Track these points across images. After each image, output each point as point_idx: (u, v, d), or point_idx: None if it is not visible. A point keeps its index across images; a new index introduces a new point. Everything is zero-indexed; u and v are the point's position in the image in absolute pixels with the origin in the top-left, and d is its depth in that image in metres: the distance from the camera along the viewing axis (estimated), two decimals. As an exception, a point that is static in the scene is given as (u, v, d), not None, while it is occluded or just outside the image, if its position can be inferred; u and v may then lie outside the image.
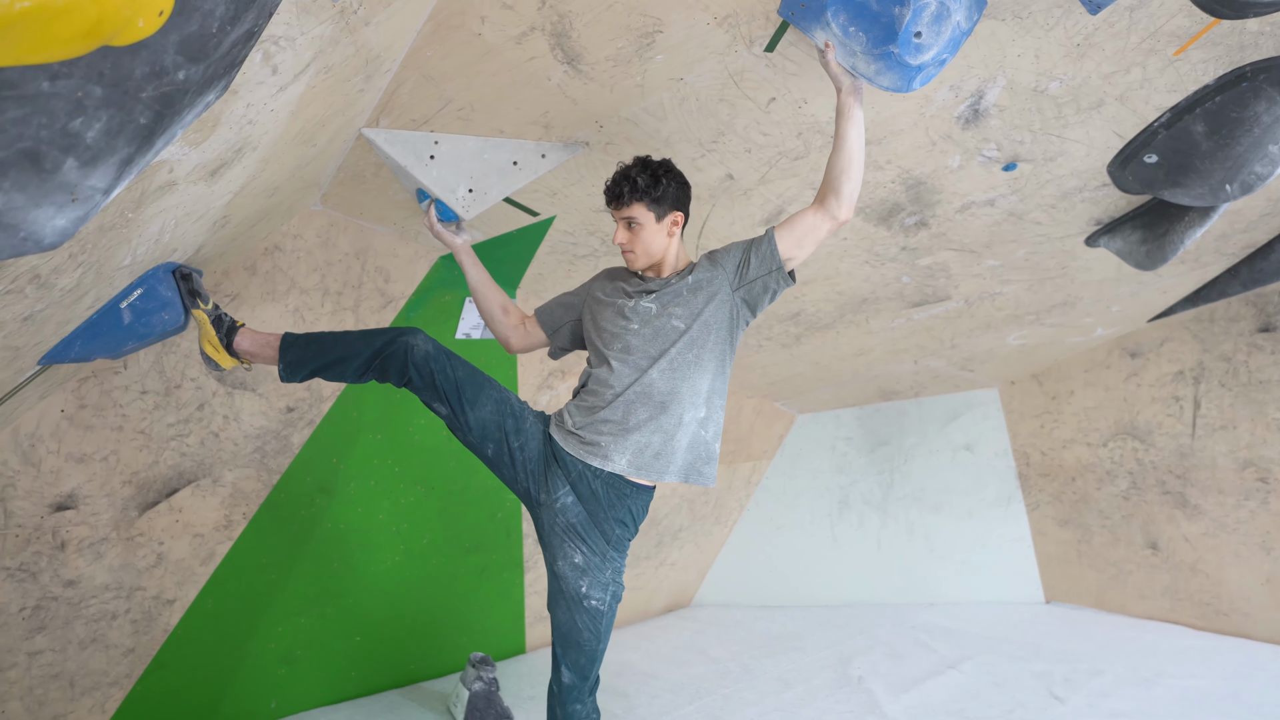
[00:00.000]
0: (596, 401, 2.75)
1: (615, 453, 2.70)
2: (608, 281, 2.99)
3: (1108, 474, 5.99)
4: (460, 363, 2.79)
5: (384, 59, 2.65)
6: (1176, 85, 3.29)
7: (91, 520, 3.33)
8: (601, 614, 2.74)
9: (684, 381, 2.73)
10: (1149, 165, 3.66)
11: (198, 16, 1.58)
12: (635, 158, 2.86)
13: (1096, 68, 3.15)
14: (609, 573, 2.76)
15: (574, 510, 2.74)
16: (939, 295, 4.71)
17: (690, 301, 2.77)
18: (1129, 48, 3.07)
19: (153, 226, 2.43)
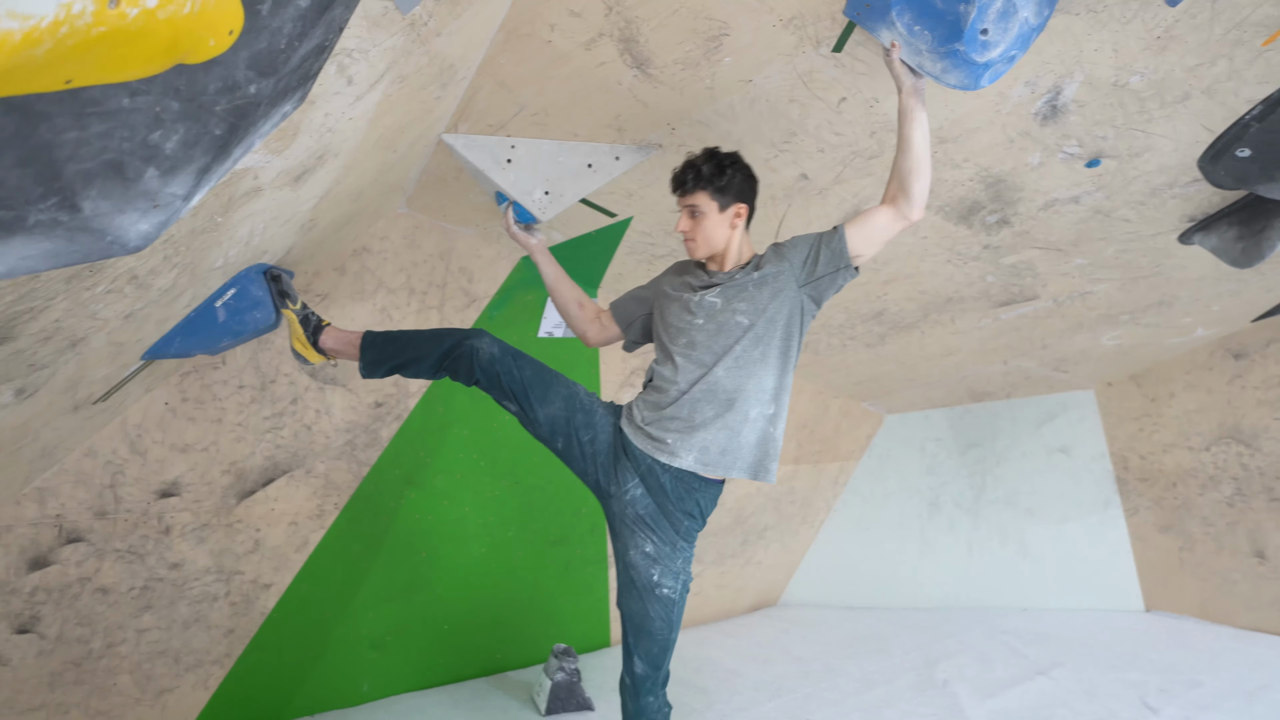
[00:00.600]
0: (662, 399, 2.79)
1: (682, 450, 2.73)
2: (675, 276, 3.01)
3: (1211, 479, 5.80)
4: (528, 362, 2.87)
5: (458, 67, 2.76)
6: (1267, 76, 3.19)
7: (194, 507, 3.54)
8: (673, 603, 2.78)
9: (750, 378, 2.75)
10: (1242, 159, 3.55)
11: (266, 34, 1.70)
12: (704, 149, 2.89)
13: (1179, 60, 3.08)
14: (679, 562, 2.80)
15: (643, 502, 2.78)
16: (1026, 294, 4.64)
17: (755, 296, 2.78)
18: (1213, 39, 2.99)
19: (242, 230, 2.58)
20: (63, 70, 1.38)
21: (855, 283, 4.43)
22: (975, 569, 6.50)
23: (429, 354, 2.88)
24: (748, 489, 5.63)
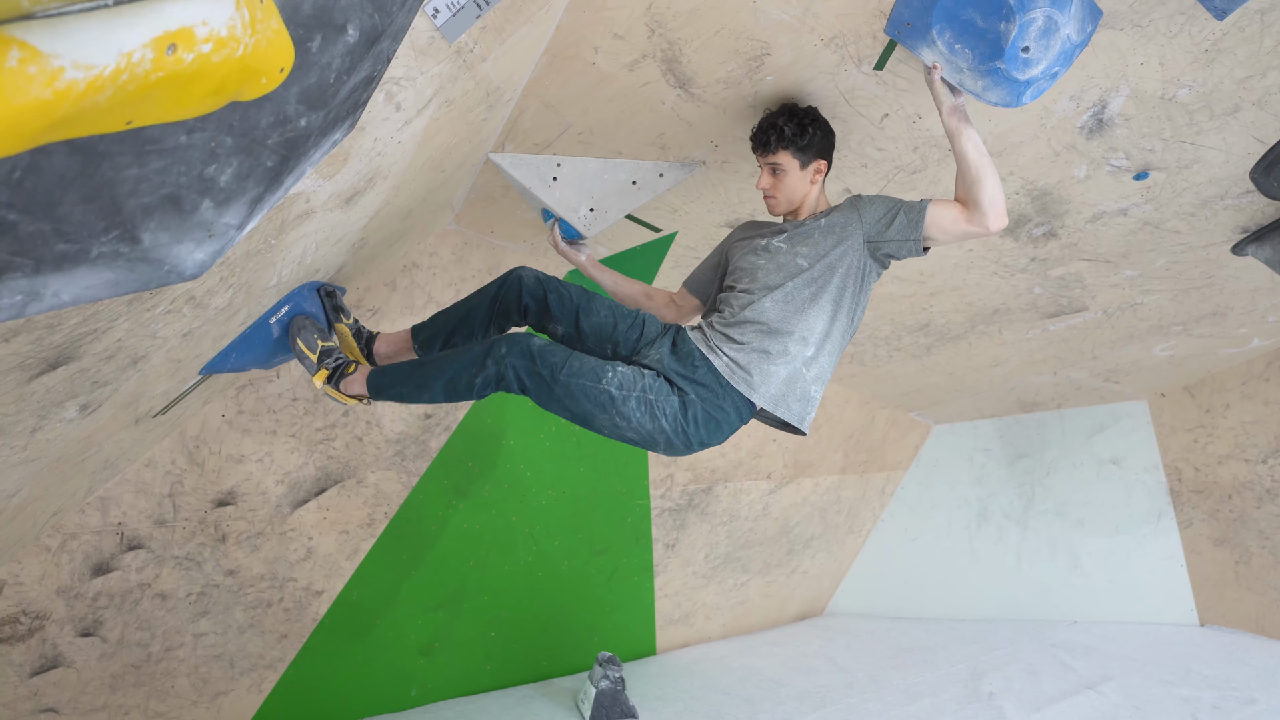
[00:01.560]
0: (718, 317, 2.86)
1: (720, 352, 2.76)
2: (744, 232, 3.10)
3: (1268, 492, 5.69)
4: (572, 284, 2.93)
5: (504, 90, 2.82)
6: (1320, 88, 3.16)
7: (249, 516, 3.64)
8: (609, 397, 2.68)
9: (796, 315, 2.77)
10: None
11: (316, 69, 1.76)
12: (782, 105, 2.95)
13: (1229, 73, 3.05)
14: (645, 400, 2.69)
15: (669, 361, 2.76)
16: (1075, 306, 4.60)
17: (819, 243, 2.82)
18: (1263, 51, 2.96)
19: (295, 250, 2.66)
20: (124, 113, 1.45)
21: (901, 294, 4.42)
22: (1024, 580, 6.44)
23: (478, 305, 2.92)
24: (794, 499, 5.64)
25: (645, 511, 4.88)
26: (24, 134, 1.33)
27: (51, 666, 3.42)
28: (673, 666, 5.05)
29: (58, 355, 2.13)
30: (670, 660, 5.18)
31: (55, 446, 2.61)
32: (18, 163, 1.39)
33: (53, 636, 3.40)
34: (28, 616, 3.35)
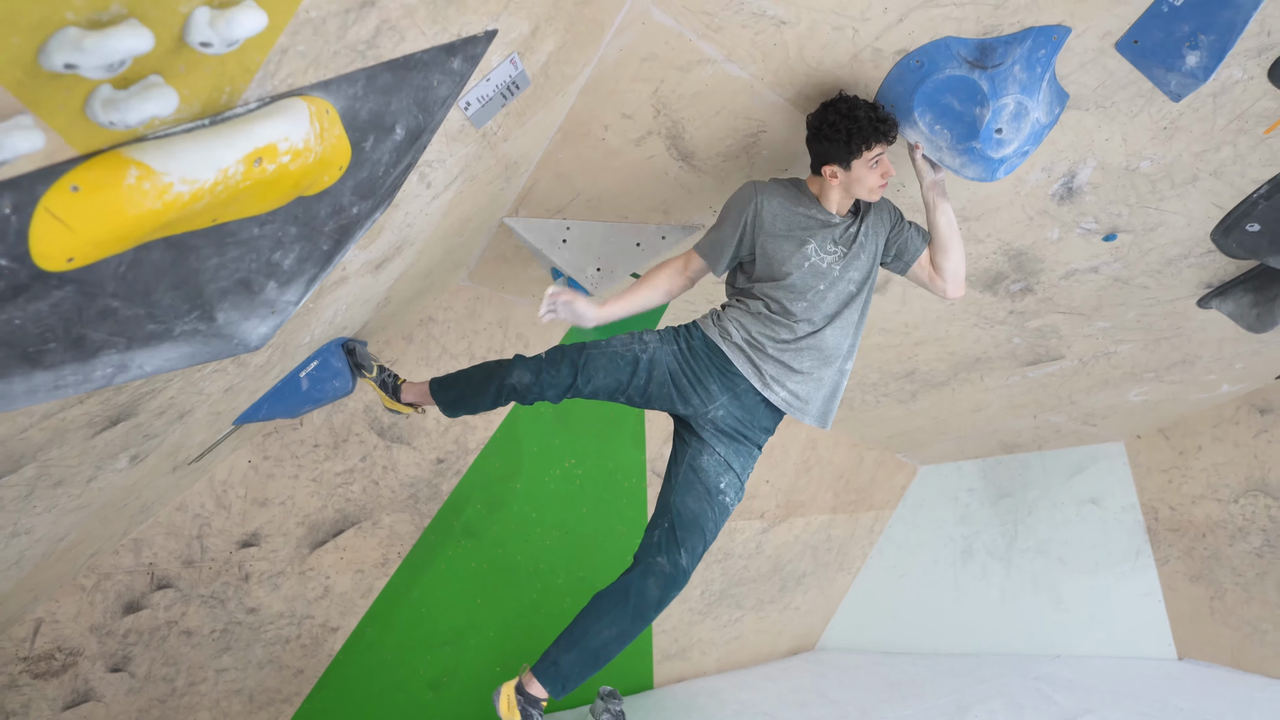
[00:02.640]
0: (771, 334, 2.92)
1: (777, 387, 2.93)
2: (782, 207, 2.96)
3: (1240, 530, 5.93)
4: (564, 360, 3.01)
5: (521, 164, 3.07)
6: (1271, 160, 3.42)
7: (271, 556, 3.83)
8: (727, 511, 3.01)
9: (846, 337, 3.00)
10: (1252, 233, 3.77)
11: (368, 165, 2.00)
12: (846, 97, 2.85)
13: (1186, 147, 3.32)
14: (745, 473, 3.03)
15: (731, 414, 2.97)
16: (1052, 355, 4.85)
17: (865, 263, 3.01)
18: (1217, 129, 3.23)
19: (328, 312, 2.89)
20: (213, 214, 1.68)
21: (888, 344, 4.67)
22: (1008, 616, 6.65)
23: (484, 398, 3.13)
24: (787, 538, 5.85)
25: (644, 550, 5.07)
26: (135, 236, 1.57)
27: (82, 701, 3.60)
28: (669, 701, 5.22)
29: (119, 413, 2.34)
30: (666, 695, 5.36)
31: (105, 494, 2.82)
32: (124, 259, 1.62)
33: (85, 672, 3.58)
34: (62, 653, 3.53)
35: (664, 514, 3.01)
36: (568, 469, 4.59)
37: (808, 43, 2.72)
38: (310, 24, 1.58)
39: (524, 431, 4.41)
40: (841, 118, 2.81)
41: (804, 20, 2.64)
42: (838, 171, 2.90)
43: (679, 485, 2.99)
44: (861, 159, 2.86)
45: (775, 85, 2.88)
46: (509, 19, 2.13)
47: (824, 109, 2.86)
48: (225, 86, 1.55)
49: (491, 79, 2.32)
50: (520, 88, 2.46)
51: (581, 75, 2.76)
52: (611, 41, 2.68)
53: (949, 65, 2.79)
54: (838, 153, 2.86)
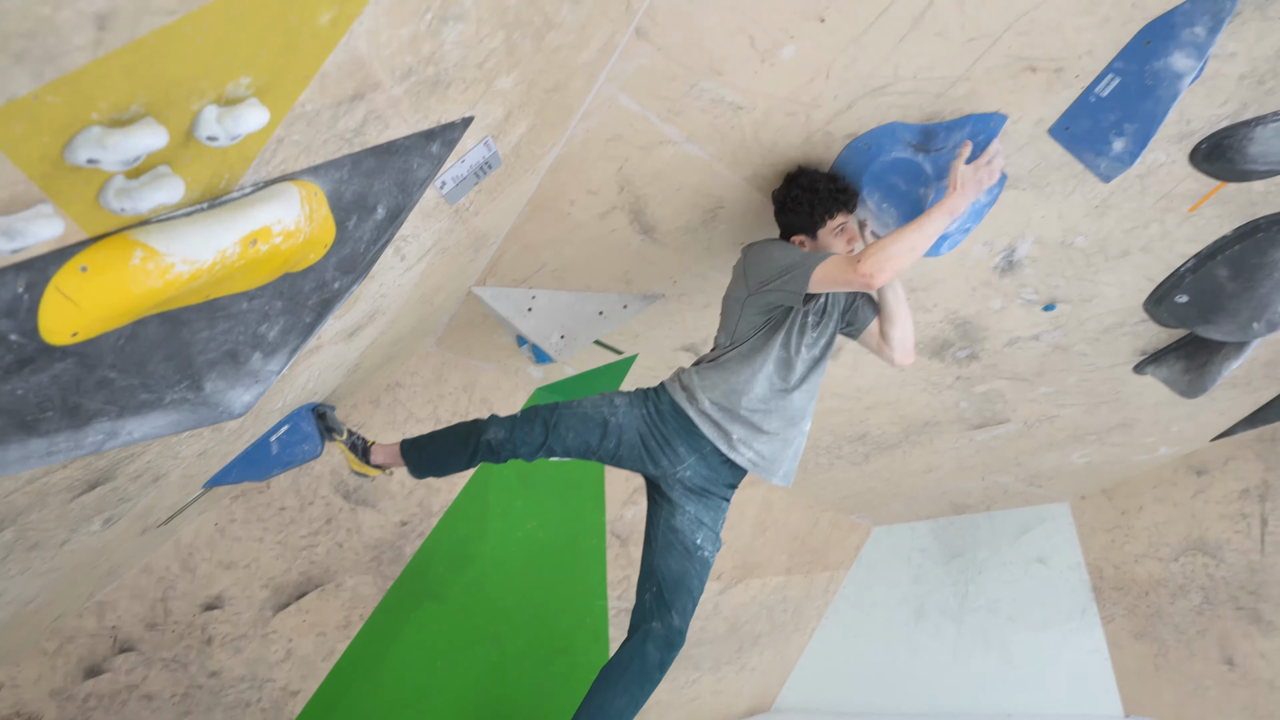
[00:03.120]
0: (737, 397, 2.99)
1: (743, 448, 3.01)
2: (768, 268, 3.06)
3: (1180, 588, 6.11)
4: (535, 422, 3.12)
5: (490, 236, 3.20)
6: (1196, 236, 3.64)
7: (234, 619, 3.86)
8: (708, 565, 3.10)
9: (810, 400, 3.11)
10: (1181, 305, 3.98)
11: (351, 242, 2.12)
12: (807, 170, 3.03)
13: (1117, 224, 3.53)
14: (719, 526, 3.13)
15: (699, 474, 3.06)
16: (998, 418, 5.03)
17: (829, 330, 3.15)
18: (1145, 207, 3.45)
19: (301, 379, 2.98)
20: (208, 291, 1.79)
21: (840, 408, 4.82)
22: (960, 674, 6.75)
23: (458, 458, 3.22)
24: (743, 599, 5.93)
25: (603, 612, 5.14)
26: (136, 312, 1.67)
27: (41, 766, 3.58)
28: (628, 762, 5.24)
29: (98, 477, 2.41)
30: (626, 756, 5.38)
31: (76, 557, 2.87)
32: (123, 333, 1.72)
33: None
34: (20, 717, 3.52)
35: (649, 578, 3.09)
36: (529, 531, 4.66)
37: (763, 127, 2.89)
38: (305, 116, 1.70)
39: (487, 494, 4.48)
40: (803, 190, 2.99)
41: (760, 106, 2.81)
42: (806, 240, 3.06)
43: (659, 548, 3.09)
44: (826, 228, 3.03)
45: (733, 165, 3.05)
46: (485, 106, 2.27)
47: (787, 183, 3.04)
48: (225, 173, 1.66)
49: (466, 160, 2.46)
50: (493, 167, 2.60)
51: (550, 154, 2.90)
52: (579, 124, 2.83)
53: (895, 148, 2.97)
54: (803, 223, 3.03)
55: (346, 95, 1.76)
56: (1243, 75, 2.89)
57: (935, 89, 2.82)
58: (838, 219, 3.02)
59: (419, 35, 1.78)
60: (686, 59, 2.63)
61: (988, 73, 2.78)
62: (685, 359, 4.23)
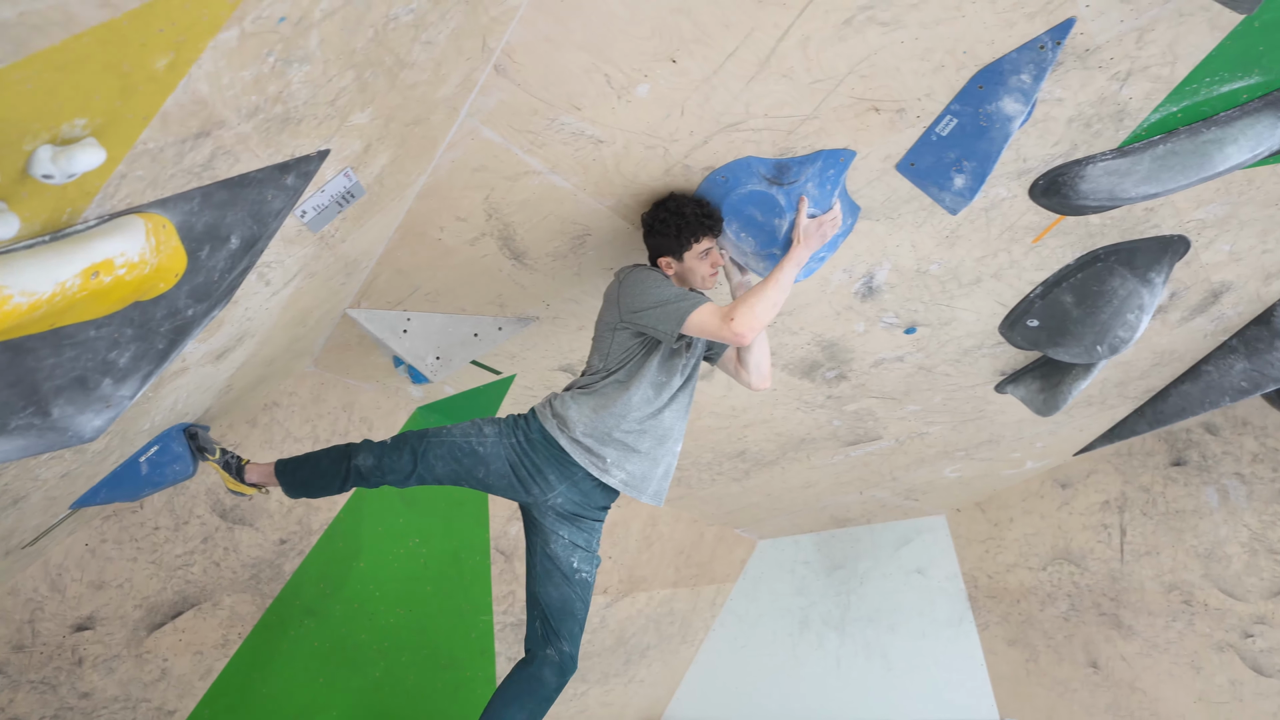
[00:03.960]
0: (613, 420, 3.05)
1: (615, 469, 3.07)
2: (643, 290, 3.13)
3: (1048, 596, 6.41)
4: (404, 447, 3.16)
5: (361, 261, 3.26)
6: (1042, 265, 3.88)
7: (106, 639, 3.83)
8: (589, 585, 3.16)
9: (680, 420, 3.17)
10: (1032, 328, 4.22)
11: (204, 271, 2.18)
12: (675, 195, 3.16)
13: (968, 253, 3.74)
14: (594, 546, 3.19)
15: (569, 500, 3.11)
16: (870, 435, 5.24)
17: (696, 351, 3.25)
18: (992, 237, 3.66)
19: (168, 400, 3.00)
20: (51, 321, 1.84)
21: (718, 426, 4.97)
22: (843, 683, 6.97)
23: (330, 481, 3.24)
24: (630, 612, 6.04)
25: (489, 627, 5.20)
26: (-25, 344, 1.71)
27: (-100, 794, 3.52)
28: (515, 776, 5.30)
29: (-48, 500, 2.41)
30: (513, 770, 5.44)
31: (-67, 580, 2.85)
32: (-35, 362, 1.76)
33: (-97, 763, 3.51)
34: (-121, 744, 3.46)
35: (535, 607, 3.15)
36: (412, 548, 4.71)
37: (624, 159, 3.02)
38: (148, 154, 1.77)
39: (368, 512, 4.52)
40: (671, 214, 3.11)
41: (619, 140, 2.94)
42: (672, 263, 3.17)
43: (539, 575, 3.15)
44: (692, 251, 3.15)
45: (597, 194, 3.17)
46: (341, 139, 2.35)
47: (655, 207, 3.17)
48: (66, 208, 1.72)
49: (326, 190, 2.53)
50: (356, 196, 2.68)
51: (416, 183, 2.98)
52: (444, 154, 2.92)
53: (750, 181, 3.12)
54: (670, 246, 3.14)
55: (190, 133, 1.83)
56: (1071, 118, 3.11)
57: (786, 126, 2.98)
58: (703, 243, 3.15)
59: (263, 76, 1.86)
60: (545, 94, 2.75)
61: (834, 112, 2.95)
62: (563, 379, 4.34)
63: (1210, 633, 5.76)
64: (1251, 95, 3.13)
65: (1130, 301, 3.97)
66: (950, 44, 2.74)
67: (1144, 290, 3.95)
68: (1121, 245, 3.86)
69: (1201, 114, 3.19)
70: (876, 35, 2.67)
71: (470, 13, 2.31)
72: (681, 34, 2.59)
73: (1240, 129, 3.19)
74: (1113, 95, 3.02)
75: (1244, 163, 3.27)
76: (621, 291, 3.10)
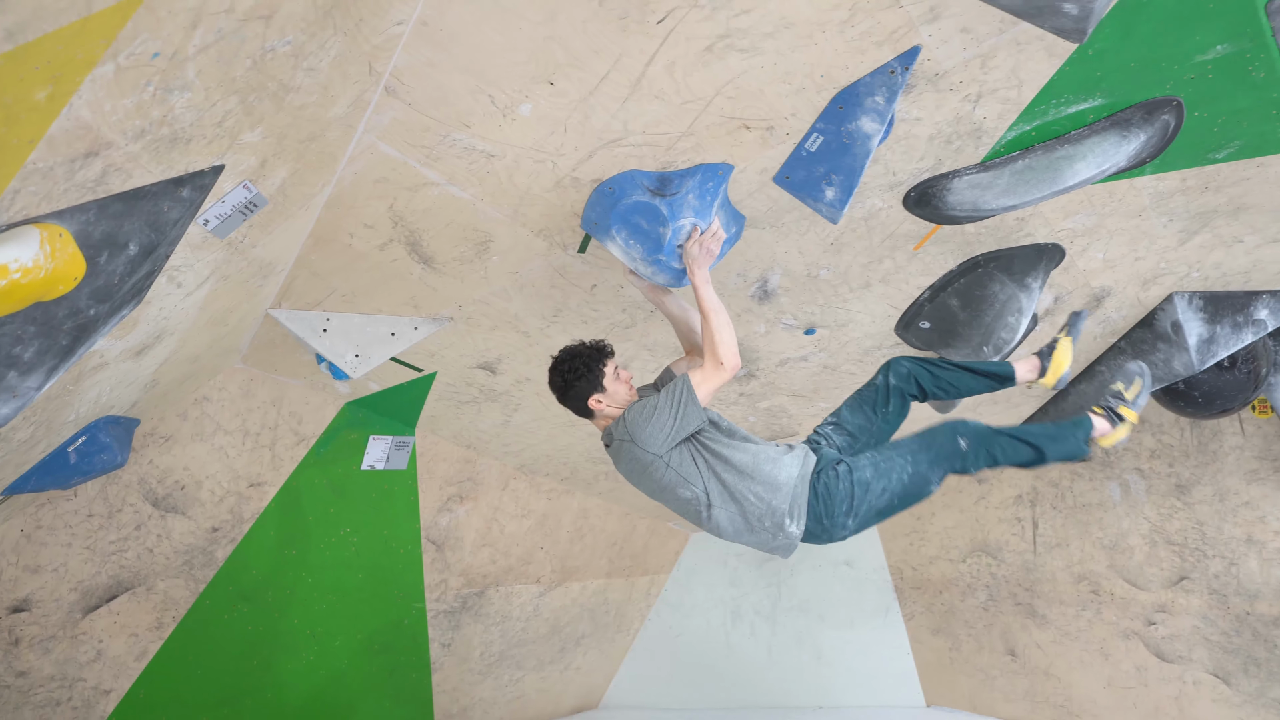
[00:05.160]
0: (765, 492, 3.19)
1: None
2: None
3: (969, 587, 6.70)
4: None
5: (276, 264, 3.50)
6: (926, 270, 4.15)
7: (42, 621, 4.06)
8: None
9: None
10: (925, 330, 4.50)
11: (104, 275, 2.42)
12: (563, 352, 3.31)
13: (854, 259, 4.01)
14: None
15: None
16: (788, 430, 5.51)
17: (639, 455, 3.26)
18: (874, 244, 3.93)
19: (91, 393, 3.24)
20: (-47, 318, 2.07)
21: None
22: (775, 670, 7.24)
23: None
24: (564, 601, 6.29)
25: (421, 614, 5.44)
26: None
27: None
28: (450, 757, 5.54)
29: (-121, 484, 2.64)
30: (450, 752, 5.68)
31: None
32: (-127, 356, 1.99)
33: None
34: None
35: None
36: (343, 537, 4.94)
37: (515, 172, 3.27)
38: (39, 172, 2.01)
39: (299, 502, 4.74)
40: (571, 361, 3.25)
41: (509, 154, 3.19)
42: (601, 398, 3.26)
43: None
44: (607, 377, 3.26)
45: (494, 204, 3.42)
46: (235, 156, 2.60)
47: (555, 369, 3.29)
48: (-36, 220, 1.96)
49: (227, 200, 2.77)
50: (258, 206, 2.92)
51: (322, 194, 3.23)
52: (346, 167, 3.16)
53: (635, 192, 3.38)
54: (591, 385, 3.24)
55: (79, 153, 2.07)
56: (931, 136, 3.38)
57: (664, 142, 3.24)
58: (609, 366, 3.28)
59: (144, 103, 2.11)
60: (436, 113, 3.00)
61: (708, 129, 3.21)
62: (483, 377, 4.58)
63: (1117, 621, 6.06)
64: (1097, 116, 3.40)
65: (1010, 305, 4.25)
66: (808, 69, 3.00)
67: (1022, 295, 4.23)
68: (1000, 252, 4.14)
69: (1054, 132, 3.46)
70: (738, 61, 2.93)
71: (351, 42, 2.55)
72: (556, 59, 2.84)
73: (1089, 146, 3.47)
74: (967, 115, 3.29)
75: (1093, 177, 3.55)
76: (642, 443, 3.11)
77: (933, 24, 2.89)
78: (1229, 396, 4.99)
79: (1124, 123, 3.42)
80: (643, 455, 3.11)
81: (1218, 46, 3.13)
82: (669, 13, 2.73)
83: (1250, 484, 5.54)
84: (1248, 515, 5.56)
